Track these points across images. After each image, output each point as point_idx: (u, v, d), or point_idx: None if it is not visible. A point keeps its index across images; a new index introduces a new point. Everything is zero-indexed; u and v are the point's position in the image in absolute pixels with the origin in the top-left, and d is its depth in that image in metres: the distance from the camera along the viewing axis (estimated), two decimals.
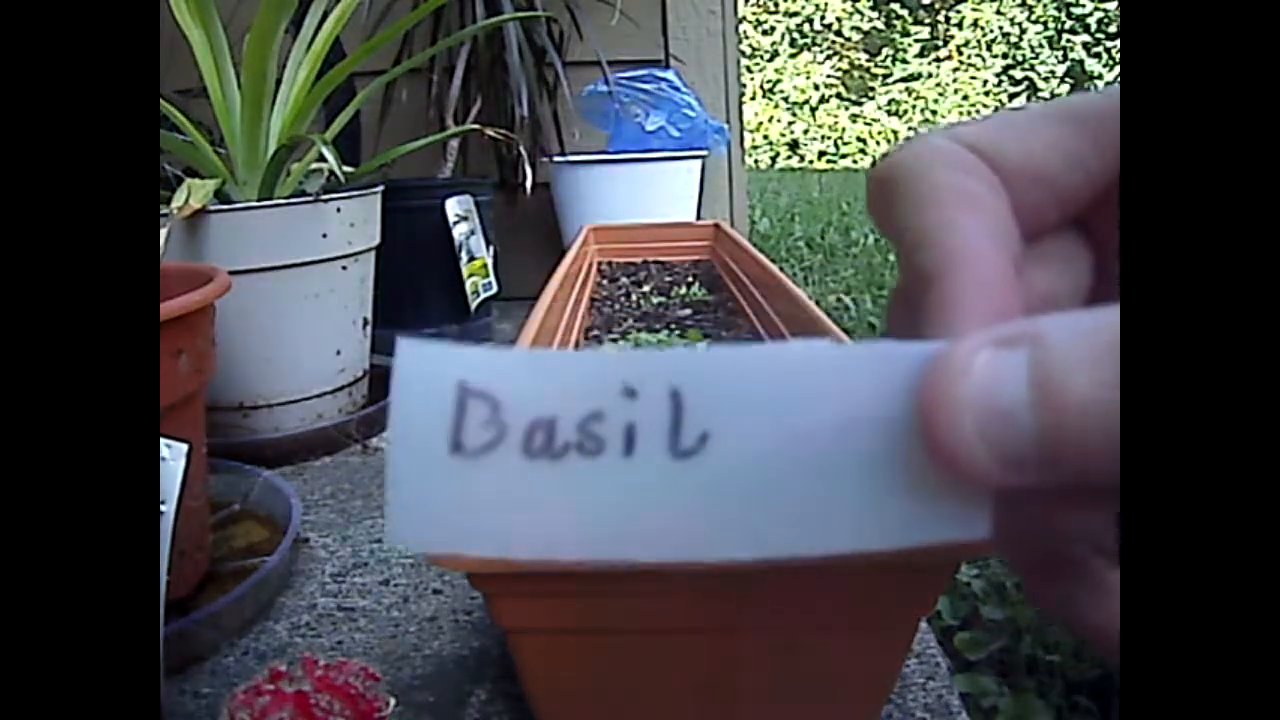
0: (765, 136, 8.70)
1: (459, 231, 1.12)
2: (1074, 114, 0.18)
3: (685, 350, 0.14)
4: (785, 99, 9.08)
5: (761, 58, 9.26)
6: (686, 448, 0.14)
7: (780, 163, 8.52)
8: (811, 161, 8.42)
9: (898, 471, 0.14)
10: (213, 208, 0.73)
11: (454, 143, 1.26)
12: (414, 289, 1.12)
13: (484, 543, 0.14)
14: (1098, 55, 8.53)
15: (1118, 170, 0.18)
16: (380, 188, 0.88)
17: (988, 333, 0.14)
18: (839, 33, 9.36)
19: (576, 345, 0.80)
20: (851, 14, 9.33)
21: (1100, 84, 8.02)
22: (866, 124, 8.88)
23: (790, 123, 8.96)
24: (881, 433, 0.14)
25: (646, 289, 1.03)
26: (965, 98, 8.83)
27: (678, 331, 0.81)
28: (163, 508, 0.38)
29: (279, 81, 0.82)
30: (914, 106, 8.93)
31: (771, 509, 0.14)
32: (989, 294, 0.16)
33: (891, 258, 2.60)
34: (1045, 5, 8.67)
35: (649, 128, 1.30)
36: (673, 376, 0.14)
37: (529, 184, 1.15)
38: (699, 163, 1.33)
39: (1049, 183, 0.18)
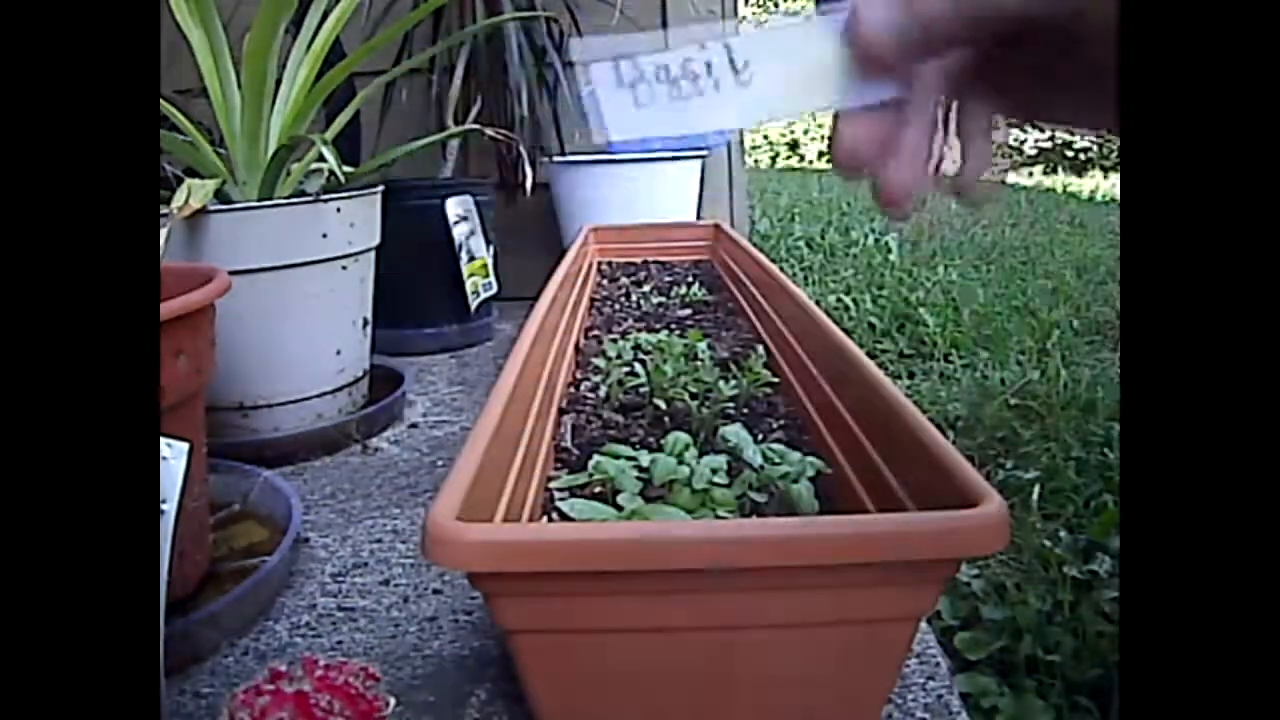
0: (765, 136, 8.70)
1: (459, 231, 1.12)
2: None
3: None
4: None
5: None
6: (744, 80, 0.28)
7: (780, 163, 8.52)
8: (811, 161, 8.41)
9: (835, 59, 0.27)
10: (213, 208, 0.73)
11: (454, 143, 1.26)
12: (414, 289, 1.12)
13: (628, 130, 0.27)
14: None
15: None
16: (380, 188, 0.88)
17: None
18: None
19: (577, 344, 0.80)
20: None
21: None
22: None
23: (790, 122, 8.96)
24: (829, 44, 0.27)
25: (646, 289, 1.03)
26: None
27: (678, 331, 0.81)
28: (163, 508, 0.38)
29: (279, 81, 0.82)
30: None
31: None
32: None
33: (892, 258, 2.59)
34: None
35: None
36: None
37: (529, 184, 1.15)
38: (699, 163, 1.33)
39: None
